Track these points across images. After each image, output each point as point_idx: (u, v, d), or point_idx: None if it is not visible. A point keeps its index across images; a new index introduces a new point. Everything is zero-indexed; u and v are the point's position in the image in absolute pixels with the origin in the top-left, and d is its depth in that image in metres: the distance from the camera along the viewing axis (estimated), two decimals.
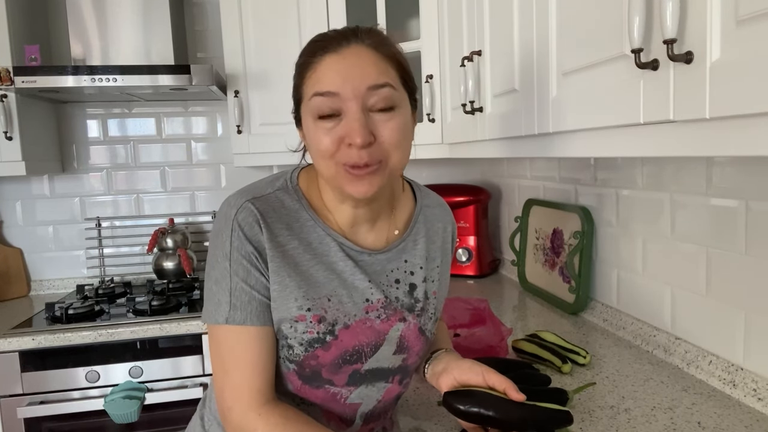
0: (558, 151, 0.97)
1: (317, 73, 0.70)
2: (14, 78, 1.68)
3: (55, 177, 2.22)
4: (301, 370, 0.76)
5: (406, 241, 0.83)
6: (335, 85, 0.68)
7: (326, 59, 0.69)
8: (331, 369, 0.76)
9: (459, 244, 2.14)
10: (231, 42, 1.97)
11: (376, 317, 0.77)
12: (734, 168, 1.03)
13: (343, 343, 0.75)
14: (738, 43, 0.54)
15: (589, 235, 1.52)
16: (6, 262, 2.14)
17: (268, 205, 0.74)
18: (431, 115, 1.72)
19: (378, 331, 0.77)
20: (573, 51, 0.88)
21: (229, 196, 0.76)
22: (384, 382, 0.81)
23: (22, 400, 1.65)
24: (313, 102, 0.70)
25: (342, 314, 0.75)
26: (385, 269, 0.80)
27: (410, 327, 0.80)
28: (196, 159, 2.33)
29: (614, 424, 0.95)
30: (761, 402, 0.97)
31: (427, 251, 0.84)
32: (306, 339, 0.73)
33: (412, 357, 0.82)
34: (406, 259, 0.82)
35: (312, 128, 0.71)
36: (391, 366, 0.80)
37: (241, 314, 0.72)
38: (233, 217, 0.72)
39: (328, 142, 0.69)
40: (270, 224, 0.73)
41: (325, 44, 0.71)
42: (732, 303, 1.05)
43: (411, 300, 0.81)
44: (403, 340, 0.79)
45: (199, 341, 1.75)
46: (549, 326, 1.49)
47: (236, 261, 0.72)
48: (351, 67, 0.69)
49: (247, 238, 0.72)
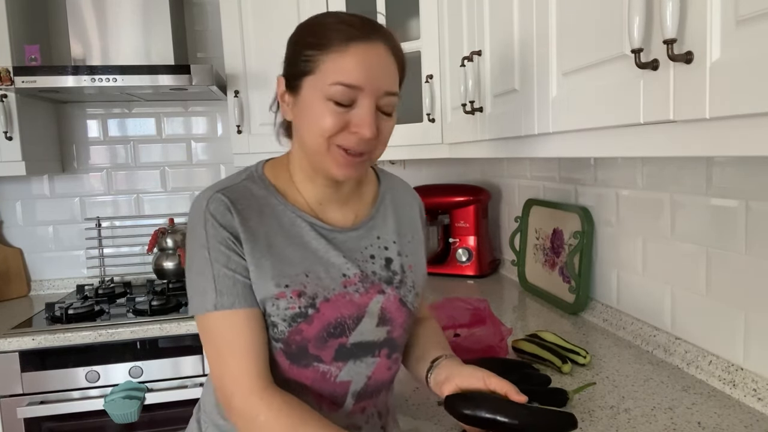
0: (558, 152, 0.97)
1: (344, 61, 0.72)
2: (14, 78, 1.68)
3: (55, 177, 2.22)
4: (288, 347, 0.77)
5: (376, 218, 0.87)
6: (360, 80, 0.72)
7: (353, 49, 0.72)
8: (317, 344, 0.77)
9: (459, 244, 2.14)
10: (231, 42, 1.97)
11: (355, 291, 0.80)
12: (734, 168, 1.03)
13: (326, 316, 0.77)
14: (738, 43, 0.54)
15: (589, 235, 1.52)
16: (6, 262, 2.14)
17: (237, 194, 0.77)
18: (431, 115, 1.72)
19: (358, 304, 0.80)
20: (573, 51, 0.88)
21: (198, 193, 0.79)
22: (371, 357, 0.82)
23: (22, 400, 1.65)
24: (333, 88, 0.72)
25: (321, 288, 0.77)
26: (358, 246, 0.83)
27: (390, 299, 0.83)
28: (196, 159, 2.33)
29: (614, 424, 0.95)
30: (761, 402, 0.97)
31: (398, 227, 0.88)
32: (289, 315, 0.75)
33: (397, 329, 0.84)
34: (379, 235, 0.86)
35: (318, 105, 0.73)
36: (376, 339, 0.81)
37: (228, 299, 0.73)
38: (204, 209, 0.75)
39: (332, 124, 0.72)
40: (241, 210, 0.76)
41: (352, 32, 0.72)
42: (732, 303, 1.05)
43: (389, 273, 0.84)
44: (385, 312, 0.82)
45: (199, 341, 1.74)
46: (549, 326, 1.49)
47: (214, 248, 0.74)
48: (376, 66, 0.73)
49: (221, 225, 0.74)
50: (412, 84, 1.78)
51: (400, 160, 2.48)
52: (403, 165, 2.51)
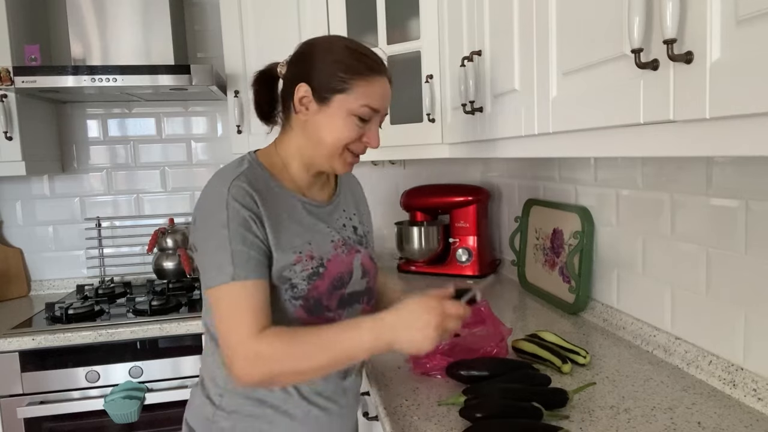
0: (558, 152, 0.97)
1: (372, 89, 0.93)
2: (14, 78, 1.68)
3: (55, 177, 2.22)
4: (306, 302, 0.94)
5: (340, 197, 1.08)
6: (379, 105, 0.95)
7: (378, 81, 0.94)
8: (327, 296, 0.96)
9: (459, 244, 2.14)
10: (231, 42, 1.97)
11: (342, 252, 1.00)
12: (734, 168, 1.03)
13: (331, 273, 0.96)
14: (738, 43, 0.54)
15: (589, 235, 1.52)
16: (6, 262, 2.14)
17: (250, 180, 0.91)
18: (431, 115, 1.72)
19: (347, 262, 1.00)
20: (573, 51, 0.88)
21: (211, 182, 0.92)
22: (358, 304, 1.02)
23: (22, 400, 1.65)
24: (361, 109, 0.92)
25: (322, 252, 0.96)
26: (334, 217, 1.03)
27: (365, 257, 1.05)
28: (196, 159, 2.33)
29: (614, 424, 0.95)
30: (761, 402, 0.97)
31: (355, 203, 1.12)
32: (306, 275, 0.93)
33: (372, 280, 1.07)
34: (344, 209, 1.07)
35: (342, 119, 0.93)
36: (361, 289, 1.03)
37: (242, 271, 0.85)
38: (227, 194, 0.87)
39: (352, 135, 0.94)
40: (258, 193, 0.90)
41: (379, 67, 0.95)
42: (732, 303, 1.05)
43: (358, 237, 1.06)
44: (364, 267, 1.04)
45: (199, 341, 1.75)
46: (549, 326, 1.50)
47: (234, 229, 0.86)
48: (387, 96, 0.97)
49: (243, 206, 0.87)
50: (412, 84, 1.78)
51: (400, 160, 2.48)
52: (403, 165, 2.51)
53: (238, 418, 0.95)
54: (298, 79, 0.94)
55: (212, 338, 0.97)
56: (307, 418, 0.97)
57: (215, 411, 0.96)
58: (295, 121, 0.97)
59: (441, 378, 1.17)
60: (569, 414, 0.98)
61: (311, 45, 0.96)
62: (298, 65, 0.96)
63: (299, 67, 0.95)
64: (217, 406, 0.96)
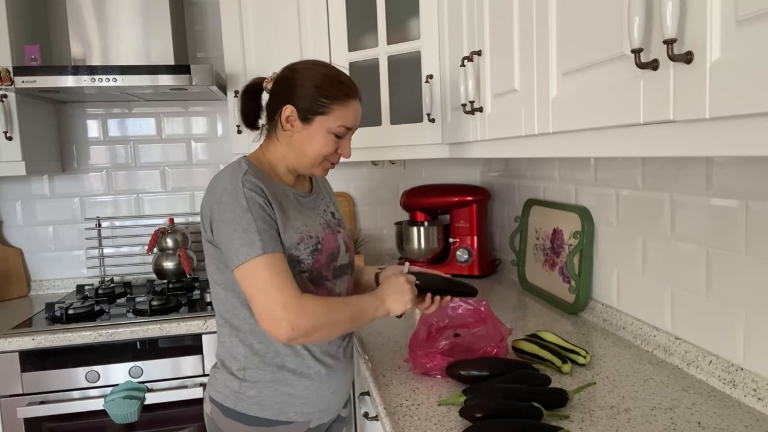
0: (558, 152, 0.97)
1: (348, 112, 1.11)
2: (14, 78, 1.68)
3: (55, 177, 2.22)
4: (311, 274, 1.10)
5: (316, 188, 1.26)
6: (353, 124, 1.13)
7: (352, 104, 1.12)
8: (325, 268, 1.13)
9: (459, 244, 2.14)
10: (231, 42, 1.97)
11: (329, 233, 1.17)
12: (734, 168, 1.03)
13: (326, 248, 1.14)
14: (738, 43, 0.54)
15: (589, 235, 1.52)
16: (6, 262, 2.14)
17: (254, 176, 1.06)
18: (431, 115, 1.72)
19: (334, 240, 1.17)
20: (573, 51, 0.88)
21: (222, 180, 1.05)
22: (345, 275, 1.20)
23: (22, 400, 1.65)
24: (338, 128, 1.11)
25: (316, 231, 1.13)
26: (316, 205, 1.21)
27: (345, 235, 1.23)
28: (196, 159, 2.33)
29: (614, 424, 0.95)
30: (761, 402, 0.97)
31: (327, 193, 1.30)
32: (309, 251, 1.09)
33: (351, 255, 1.25)
34: (322, 198, 1.25)
35: (322, 135, 1.10)
36: (345, 262, 1.20)
37: (270, 245, 1.00)
38: (241, 186, 1.02)
39: (330, 149, 1.12)
40: (264, 184, 1.06)
41: (353, 92, 1.12)
42: (732, 303, 1.05)
43: (336, 220, 1.24)
44: (346, 243, 1.22)
45: (199, 341, 1.75)
46: (549, 326, 1.50)
47: (255, 212, 1.01)
48: (359, 116, 1.15)
49: (258, 194, 1.03)
50: (412, 84, 1.78)
51: (400, 160, 2.48)
52: (403, 165, 2.51)
53: (262, 386, 1.10)
54: (283, 101, 1.10)
55: (226, 323, 1.12)
56: (318, 376, 1.14)
57: (241, 384, 1.10)
58: (281, 134, 1.13)
59: (441, 378, 1.17)
60: (569, 414, 0.98)
61: (294, 71, 1.11)
62: (283, 88, 1.11)
63: (285, 90, 1.11)
64: (242, 379, 1.10)
